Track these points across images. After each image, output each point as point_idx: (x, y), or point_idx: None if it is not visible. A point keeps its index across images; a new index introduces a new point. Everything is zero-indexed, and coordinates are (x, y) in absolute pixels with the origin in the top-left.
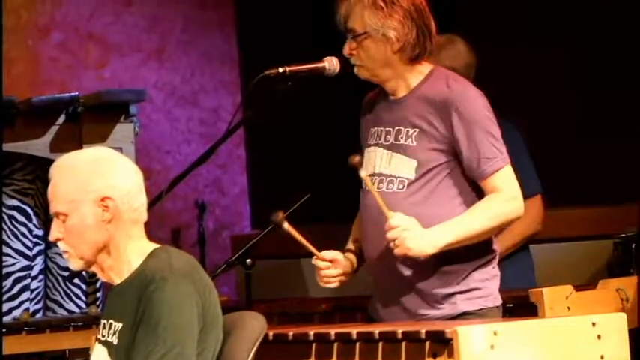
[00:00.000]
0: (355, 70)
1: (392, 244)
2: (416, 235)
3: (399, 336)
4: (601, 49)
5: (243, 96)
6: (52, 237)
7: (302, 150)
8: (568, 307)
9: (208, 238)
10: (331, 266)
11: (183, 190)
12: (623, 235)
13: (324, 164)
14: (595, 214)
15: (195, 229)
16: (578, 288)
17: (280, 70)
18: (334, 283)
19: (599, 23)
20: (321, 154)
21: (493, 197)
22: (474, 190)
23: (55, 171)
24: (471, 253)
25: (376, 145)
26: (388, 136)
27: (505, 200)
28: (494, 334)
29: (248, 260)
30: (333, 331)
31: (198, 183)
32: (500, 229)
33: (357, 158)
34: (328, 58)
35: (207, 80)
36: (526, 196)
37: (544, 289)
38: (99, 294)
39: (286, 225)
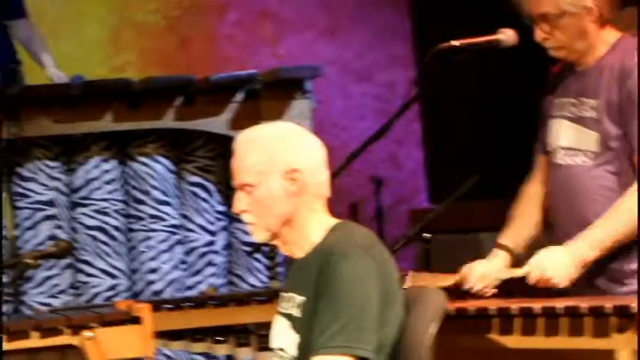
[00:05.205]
0: (552, 52)
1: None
2: (557, 266)
3: (584, 311)
4: None
5: (416, 71)
6: (236, 209)
7: (477, 123)
8: None
9: (385, 213)
10: (479, 283)
11: (359, 165)
12: None
13: (499, 138)
14: None
15: (373, 204)
16: None
17: (454, 43)
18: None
19: None
20: (496, 128)
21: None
22: None
23: (240, 144)
24: None
25: (561, 117)
26: (572, 107)
27: None
28: None
29: (426, 235)
30: (515, 305)
31: (375, 158)
32: None
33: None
34: (504, 29)
35: (380, 56)
36: None
37: None
38: (280, 269)
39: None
